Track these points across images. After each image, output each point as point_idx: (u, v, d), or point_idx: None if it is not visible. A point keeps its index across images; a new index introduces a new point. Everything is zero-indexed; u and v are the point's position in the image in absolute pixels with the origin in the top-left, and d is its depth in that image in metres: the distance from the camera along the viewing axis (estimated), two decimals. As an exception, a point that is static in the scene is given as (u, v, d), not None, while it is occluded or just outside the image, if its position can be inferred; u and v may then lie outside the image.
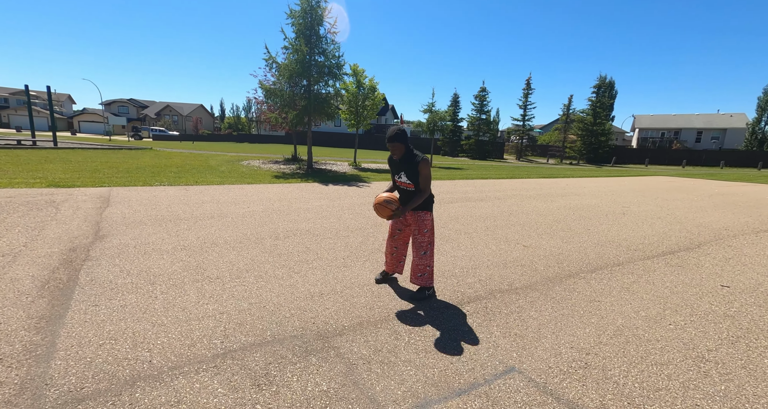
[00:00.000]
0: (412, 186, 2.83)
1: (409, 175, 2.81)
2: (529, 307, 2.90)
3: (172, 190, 7.35)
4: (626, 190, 11.45)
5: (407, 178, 2.82)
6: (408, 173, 2.81)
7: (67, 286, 2.80)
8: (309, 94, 12.96)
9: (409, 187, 2.86)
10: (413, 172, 2.78)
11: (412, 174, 2.79)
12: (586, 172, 20.00)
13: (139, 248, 3.78)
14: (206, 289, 2.93)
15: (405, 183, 2.86)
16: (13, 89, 57.62)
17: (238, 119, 72.59)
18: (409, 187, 2.85)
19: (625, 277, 3.66)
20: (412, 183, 2.82)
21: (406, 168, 2.81)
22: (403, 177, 2.84)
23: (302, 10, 12.27)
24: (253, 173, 11.21)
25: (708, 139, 42.71)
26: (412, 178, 2.80)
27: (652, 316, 2.81)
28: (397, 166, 2.88)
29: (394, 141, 2.74)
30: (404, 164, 2.82)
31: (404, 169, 2.82)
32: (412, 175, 2.80)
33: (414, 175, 2.79)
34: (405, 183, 2.86)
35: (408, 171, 2.81)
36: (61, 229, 4.28)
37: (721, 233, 5.78)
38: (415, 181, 2.80)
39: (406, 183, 2.85)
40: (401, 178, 2.87)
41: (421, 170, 2.77)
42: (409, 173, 2.80)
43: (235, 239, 4.29)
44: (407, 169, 2.81)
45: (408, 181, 2.83)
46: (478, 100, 35.86)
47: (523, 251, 4.44)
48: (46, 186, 6.93)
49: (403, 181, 2.86)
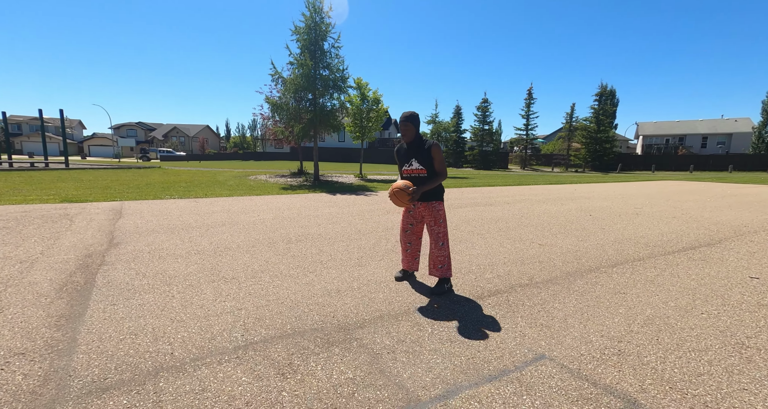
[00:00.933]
0: (425, 171, 2.80)
1: (420, 161, 2.79)
2: (552, 299, 2.82)
3: (182, 203, 7.40)
4: (636, 194, 11.32)
5: (419, 164, 2.80)
6: (419, 158, 2.79)
7: (85, 288, 2.79)
8: (314, 108, 13.17)
9: (421, 174, 2.82)
10: (425, 156, 2.77)
11: (425, 158, 2.78)
12: (593, 179, 19.88)
13: (154, 253, 3.77)
14: (222, 288, 2.89)
15: (417, 169, 2.82)
16: (26, 116, 59.34)
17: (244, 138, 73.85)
18: (421, 173, 2.81)
19: (647, 271, 3.56)
20: (424, 168, 2.79)
21: (416, 153, 2.80)
22: (414, 164, 2.81)
23: (306, 27, 12.63)
24: (261, 186, 11.29)
25: (714, 145, 42.48)
26: (424, 163, 2.78)
27: (682, 306, 2.72)
28: (407, 154, 2.86)
29: (407, 121, 2.77)
30: (414, 149, 2.82)
31: (415, 155, 2.81)
32: (425, 160, 2.78)
33: (427, 160, 2.77)
34: (417, 169, 2.82)
35: (419, 156, 2.79)
36: (76, 238, 4.30)
37: (741, 230, 5.65)
38: (427, 165, 2.78)
39: (418, 169, 2.82)
40: (412, 165, 2.84)
41: (434, 154, 2.76)
42: (420, 158, 2.79)
43: (248, 244, 4.27)
44: (418, 155, 2.80)
45: (420, 167, 2.80)
46: (481, 111, 36.20)
47: (539, 249, 4.36)
48: (60, 201, 7.02)
49: (415, 169, 2.83)
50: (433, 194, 2.87)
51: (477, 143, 36.47)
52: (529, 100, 36.15)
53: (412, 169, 2.84)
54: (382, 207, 7.41)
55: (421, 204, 2.91)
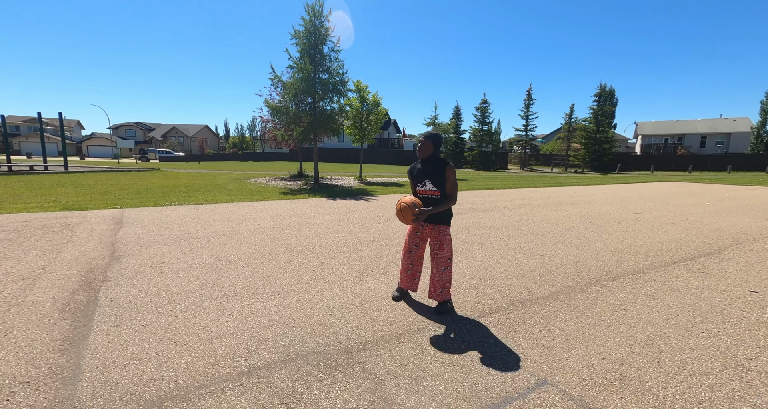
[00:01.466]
0: (438, 193, 2.77)
1: (435, 182, 2.76)
2: (554, 317, 2.84)
3: (182, 210, 7.40)
4: (636, 197, 11.35)
5: (433, 185, 2.76)
6: (434, 179, 2.76)
7: (88, 307, 2.79)
8: (314, 111, 13.17)
9: (434, 195, 2.79)
10: (440, 177, 2.74)
11: (438, 180, 2.75)
12: (592, 180, 19.91)
13: (155, 267, 3.77)
14: (225, 306, 2.90)
15: (430, 191, 2.79)
16: (24, 117, 59.22)
17: (243, 138, 73.82)
18: (434, 194, 2.78)
19: (647, 284, 3.58)
20: (438, 190, 2.76)
21: (431, 174, 2.77)
22: (428, 184, 2.78)
23: (306, 31, 12.62)
24: (261, 190, 11.29)
25: (712, 144, 42.56)
26: (438, 184, 2.75)
27: (682, 324, 2.73)
28: (421, 175, 2.83)
29: (427, 139, 2.77)
30: (430, 169, 2.79)
31: (430, 176, 2.78)
32: (438, 182, 2.75)
33: (440, 181, 2.75)
34: (430, 191, 2.79)
35: (434, 177, 2.76)
36: (78, 251, 4.30)
37: (740, 238, 5.68)
38: (441, 187, 2.75)
39: (431, 190, 2.78)
40: (425, 186, 2.80)
41: (448, 176, 2.74)
42: (435, 179, 2.76)
43: (249, 256, 4.28)
44: (433, 175, 2.77)
45: (434, 189, 2.76)
46: (480, 112, 36.22)
47: (539, 260, 4.38)
48: (60, 209, 7.01)
49: (429, 190, 2.79)
50: (441, 218, 2.85)
51: (476, 144, 36.52)
52: (528, 100, 36.19)
53: (426, 189, 2.80)
54: (383, 214, 7.42)
55: (427, 226, 2.90)
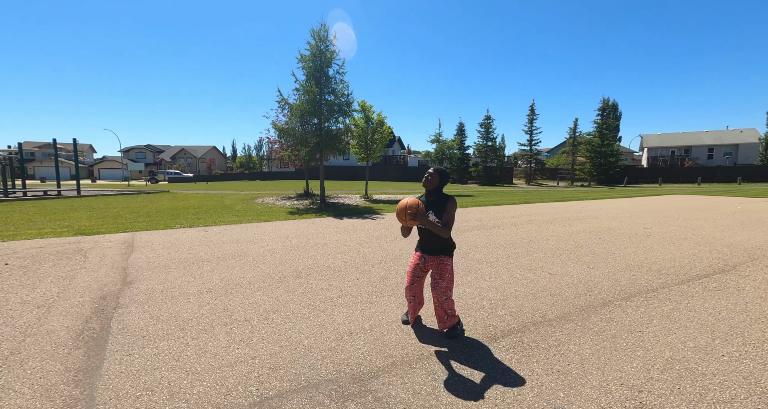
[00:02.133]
0: (441, 224, 2.82)
1: (437, 214, 2.83)
2: (567, 340, 2.79)
3: (192, 232, 7.49)
4: (645, 211, 11.23)
5: (434, 216, 2.83)
6: (436, 211, 2.83)
7: (101, 335, 2.82)
8: (320, 132, 13.43)
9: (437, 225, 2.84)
10: (442, 209, 2.81)
11: (440, 212, 2.81)
12: (599, 194, 19.77)
13: (166, 293, 3.80)
14: (236, 332, 2.90)
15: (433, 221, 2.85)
16: (39, 143, 61.08)
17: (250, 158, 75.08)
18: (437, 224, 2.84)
19: (662, 304, 3.51)
20: (440, 221, 2.82)
21: (435, 206, 2.84)
22: (431, 216, 2.84)
23: (312, 55, 13.03)
24: (268, 211, 11.40)
25: (720, 156, 42.23)
26: (439, 215, 2.82)
27: (701, 346, 2.66)
28: (425, 206, 2.89)
29: (435, 172, 2.84)
30: (434, 200, 2.85)
31: (433, 208, 2.84)
32: (440, 213, 2.81)
33: (441, 213, 2.81)
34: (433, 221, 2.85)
35: (436, 209, 2.83)
36: (91, 277, 4.36)
37: (756, 253, 5.56)
38: (442, 218, 2.81)
39: (435, 221, 2.84)
40: (429, 217, 2.86)
41: (448, 209, 2.80)
42: (437, 211, 2.83)
43: (258, 279, 4.30)
44: (436, 207, 2.84)
45: (437, 220, 2.83)
46: (484, 128, 36.55)
47: (549, 279, 4.33)
48: (74, 234, 7.14)
49: (431, 220, 2.84)
50: (444, 249, 2.90)
51: (481, 159, 36.68)
52: (531, 116, 36.50)
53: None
54: (390, 232, 7.43)
55: (429, 258, 2.93)
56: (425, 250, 2.95)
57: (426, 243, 2.93)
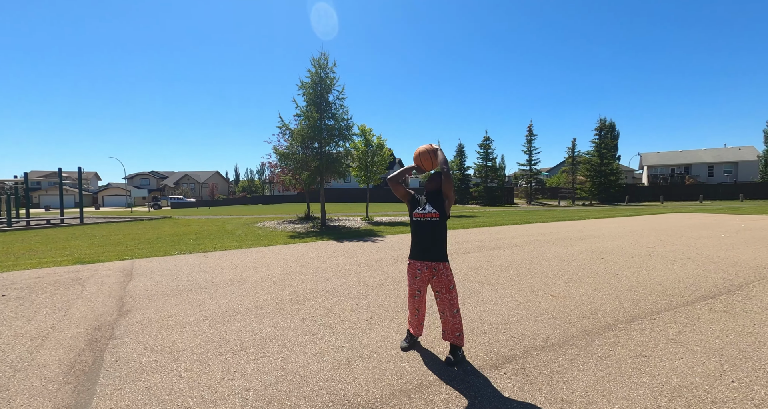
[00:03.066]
0: (437, 215, 2.84)
1: (434, 205, 2.86)
2: (571, 366, 2.71)
3: (191, 258, 7.46)
4: (647, 230, 11.15)
5: (432, 207, 2.86)
6: (433, 203, 2.87)
7: (93, 369, 2.76)
8: (321, 155, 13.64)
9: (434, 218, 2.84)
10: (438, 199, 2.87)
11: (438, 202, 2.87)
12: (600, 213, 19.71)
13: (162, 322, 3.75)
14: (230, 362, 2.84)
15: (429, 213, 2.85)
16: (45, 172, 62.13)
17: (252, 182, 75.87)
18: (434, 216, 2.84)
19: (668, 326, 3.43)
20: (437, 212, 2.84)
21: (432, 199, 2.89)
22: (427, 207, 2.87)
23: (312, 82, 13.46)
24: (269, 235, 11.39)
25: (721, 173, 42.36)
26: (437, 207, 2.85)
27: (709, 372, 2.58)
28: (422, 200, 2.93)
29: (437, 174, 2.94)
30: (432, 196, 2.91)
31: (430, 201, 2.89)
32: (438, 204, 2.86)
33: (438, 202, 2.86)
34: (429, 213, 2.85)
35: (434, 201, 2.88)
36: (87, 307, 4.32)
37: (762, 273, 5.47)
38: (440, 209, 2.84)
39: (431, 213, 2.85)
40: (424, 209, 2.88)
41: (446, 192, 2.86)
42: (434, 203, 2.87)
43: (256, 306, 4.24)
44: (432, 200, 2.89)
45: (433, 211, 2.85)
46: (483, 149, 37.01)
47: (551, 301, 4.25)
48: (73, 263, 7.13)
49: (428, 212, 2.86)
50: (438, 254, 2.86)
51: (481, 180, 36.90)
52: (530, 136, 37.02)
53: (424, 213, 2.87)
54: (390, 255, 7.38)
55: (426, 268, 2.89)
56: (422, 254, 2.89)
57: (426, 242, 2.87)
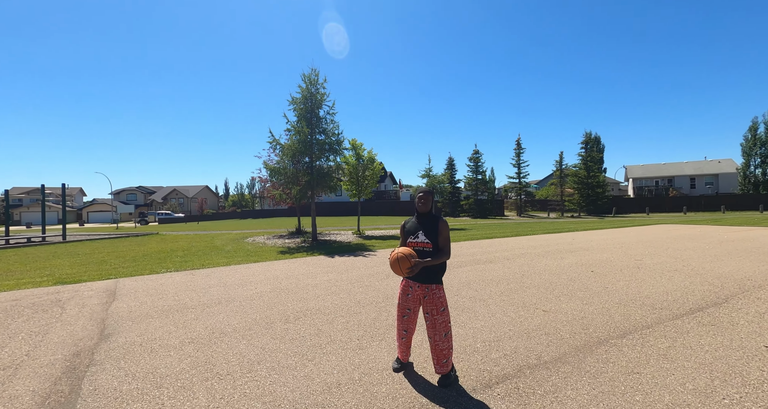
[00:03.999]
0: (430, 246, 2.78)
1: (427, 234, 2.80)
2: (564, 385, 2.68)
3: (178, 277, 7.29)
4: (635, 242, 11.32)
5: (425, 237, 2.80)
6: (427, 231, 2.80)
7: (69, 399, 2.62)
8: (311, 170, 13.63)
9: (426, 248, 2.80)
10: (433, 230, 2.79)
11: (431, 232, 2.79)
12: (589, 225, 19.99)
13: (145, 346, 3.62)
14: (216, 388, 2.73)
15: (422, 243, 2.81)
16: (28, 188, 60.67)
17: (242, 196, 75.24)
18: (426, 247, 2.79)
19: (658, 341, 3.44)
20: (430, 242, 2.79)
21: (425, 226, 2.82)
22: (421, 236, 2.81)
23: (303, 97, 13.57)
24: (259, 251, 11.22)
25: (702, 185, 43.57)
26: (430, 237, 2.79)
27: (701, 389, 2.58)
28: (415, 228, 2.88)
29: (428, 194, 2.88)
30: (425, 221, 2.85)
31: (423, 228, 2.82)
32: (431, 234, 2.79)
33: (433, 234, 2.79)
34: (422, 243, 2.81)
35: (427, 229, 2.81)
36: (66, 331, 4.15)
37: (746, 284, 5.57)
38: (433, 240, 2.78)
39: (423, 243, 2.80)
40: (417, 238, 2.83)
41: (441, 230, 2.78)
42: (428, 231, 2.80)
43: (244, 326, 4.13)
44: (426, 228, 2.81)
45: (426, 241, 2.79)
46: (473, 162, 37.50)
47: (543, 316, 4.24)
48: (53, 284, 6.88)
49: (420, 242, 2.81)
50: (432, 276, 2.81)
51: (472, 192, 37.24)
52: (518, 150, 37.68)
53: (418, 241, 2.82)
54: (382, 270, 7.32)
55: (418, 287, 2.84)
56: (415, 276, 2.84)
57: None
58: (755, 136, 38.87)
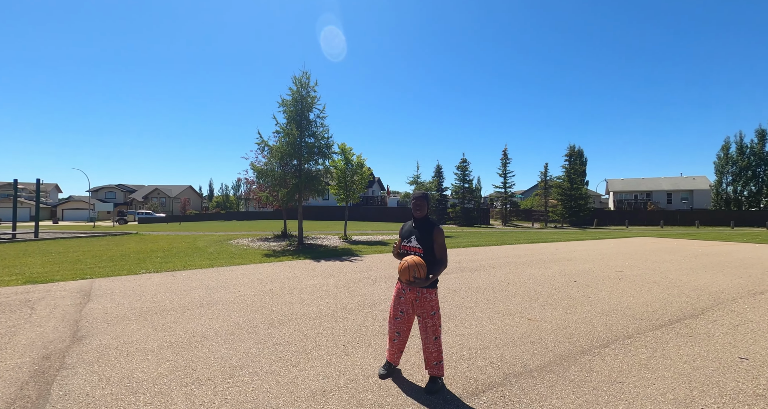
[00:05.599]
0: (421, 251, 2.79)
1: (420, 240, 2.79)
2: (549, 393, 2.69)
3: (158, 278, 7.06)
4: (615, 253, 11.61)
5: (417, 242, 2.80)
6: (420, 237, 2.80)
7: (36, 405, 2.48)
8: (299, 173, 13.52)
9: (417, 253, 2.80)
10: (427, 237, 2.79)
11: (425, 238, 2.79)
12: (572, 236, 20.42)
13: (121, 349, 3.47)
14: (196, 394, 2.64)
15: (414, 247, 2.82)
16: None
17: (227, 198, 73.94)
18: (417, 251, 2.80)
19: (639, 351, 3.51)
20: (421, 247, 2.79)
21: (419, 232, 2.82)
22: (413, 241, 2.82)
23: (293, 100, 13.50)
24: (243, 253, 11.00)
25: (678, 200, 45.25)
26: (422, 242, 2.79)
27: (680, 399, 2.63)
28: (409, 232, 2.88)
29: (423, 199, 2.86)
30: (419, 226, 2.85)
31: (416, 233, 2.82)
32: (424, 240, 2.79)
33: (426, 241, 2.78)
34: (414, 247, 2.82)
35: (421, 235, 2.80)
36: (35, 333, 3.94)
37: (720, 297, 5.77)
38: (425, 246, 2.78)
39: (415, 247, 2.81)
40: (410, 242, 2.84)
41: (436, 238, 2.78)
42: (421, 237, 2.80)
43: (227, 330, 4.02)
44: (420, 233, 2.81)
45: (417, 246, 2.80)
46: (461, 171, 37.91)
47: (528, 325, 4.28)
48: (23, 283, 6.56)
49: (412, 246, 2.82)
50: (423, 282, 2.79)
51: (459, 201, 37.59)
52: (504, 160, 38.33)
53: (410, 246, 2.84)
54: (369, 276, 7.27)
55: (410, 290, 2.83)
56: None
57: None
58: (727, 156, 40.74)
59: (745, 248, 13.40)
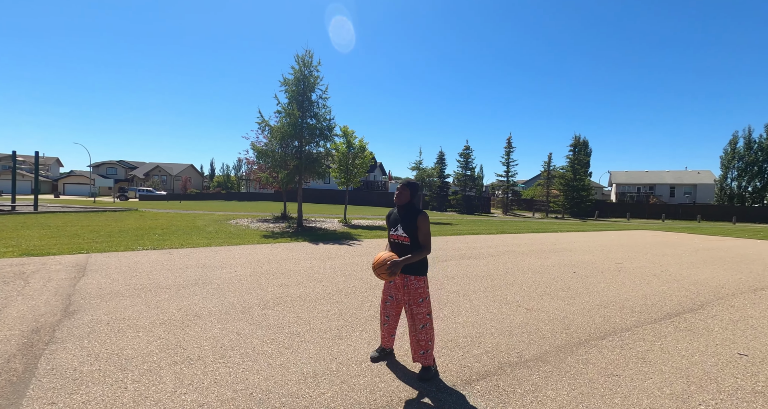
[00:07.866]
0: (408, 240, 2.70)
1: (405, 228, 2.70)
2: (544, 384, 2.65)
3: (155, 255, 7.03)
4: (616, 246, 11.55)
5: (403, 231, 2.71)
6: (405, 225, 2.71)
7: (22, 378, 2.44)
8: (300, 154, 13.34)
9: (404, 241, 2.72)
10: (411, 224, 2.69)
11: (410, 226, 2.69)
12: (572, 227, 20.35)
13: (113, 325, 3.43)
14: (185, 373, 2.60)
15: (401, 236, 2.73)
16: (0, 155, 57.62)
17: (228, 178, 73.72)
18: (404, 240, 2.71)
19: (637, 344, 3.46)
20: (408, 236, 2.70)
21: (404, 220, 2.73)
22: (399, 230, 2.73)
23: (295, 79, 13.17)
24: (242, 233, 10.97)
25: (681, 194, 44.97)
26: (408, 230, 2.70)
27: (677, 394, 2.58)
28: (395, 220, 2.80)
29: (406, 186, 2.78)
30: (404, 214, 2.75)
31: (401, 222, 2.73)
32: (409, 228, 2.69)
33: (411, 229, 2.69)
34: (401, 236, 2.73)
35: (405, 223, 2.71)
36: (27, 305, 3.91)
37: (720, 292, 5.71)
38: (411, 234, 2.69)
39: (402, 236, 2.73)
40: (397, 231, 2.75)
41: (419, 224, 2.68)
42: (406, 225, 2.71)
43: (221, 310, 3.98)
44: (404, 221, 2.72)
45: (404, 235, 2.71)
46: (463, 158, 37.59)
47: (526, 314, 4.23)
48: (19, 255, 6.53)
49: (399, 235, 2.74)
50: (411, 267, 2.71)
51: (460, 188, 37.42)
52: (508, 148, 37.93)
53: (397, 235, 2.76)
54: (366, 260, 7.22)
55: (398, 276, 2.77)
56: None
57: (401, 256, 2.74)
58: (734, 150, 40.21)
59: (747, 243, 13.33)
